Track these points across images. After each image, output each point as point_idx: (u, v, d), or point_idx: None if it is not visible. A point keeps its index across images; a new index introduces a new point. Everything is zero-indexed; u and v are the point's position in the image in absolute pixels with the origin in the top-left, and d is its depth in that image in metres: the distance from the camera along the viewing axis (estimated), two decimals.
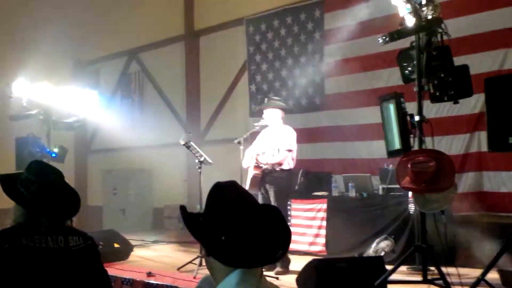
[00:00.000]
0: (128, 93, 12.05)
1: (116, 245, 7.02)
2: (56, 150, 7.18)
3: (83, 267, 2.49)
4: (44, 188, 2.50)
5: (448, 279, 4.15)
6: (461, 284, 4.21)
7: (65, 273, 2.40)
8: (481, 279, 3.97)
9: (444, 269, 4.29)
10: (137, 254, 7.39)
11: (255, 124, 6.38)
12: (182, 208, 1.79)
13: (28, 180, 2.52)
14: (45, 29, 10.63)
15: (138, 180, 11.77)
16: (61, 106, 7.39)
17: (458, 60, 4.86)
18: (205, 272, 5.68)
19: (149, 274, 5.79)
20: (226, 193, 1.74)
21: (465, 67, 4.32)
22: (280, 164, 6.02)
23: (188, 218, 1.75)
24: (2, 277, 2.27)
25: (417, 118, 4.31)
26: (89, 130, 12.64)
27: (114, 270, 6.05)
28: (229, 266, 1.65)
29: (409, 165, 4.08)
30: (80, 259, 2.49)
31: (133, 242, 7.60)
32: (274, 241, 1.67)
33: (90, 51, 12.73)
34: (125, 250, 7.10)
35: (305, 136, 8.53)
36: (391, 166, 6.54)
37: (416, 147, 4.36)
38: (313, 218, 7.22)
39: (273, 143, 6.09)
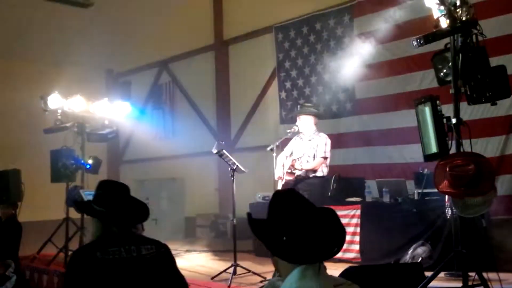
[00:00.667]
0: (159, 104, 12.22)
1: None
2: (90, 161, 7.33)
3: (158, 274, 2.60)
4: (112, 199, 2.72)
5: (490, 285, 4.04)
6: None
7: (140, 281, 2.52)
8: None
9: (484, 275, 4.18)
10: None
11: (288, 131, 6.38)
12: (248, 215, 2.05)
13: (98, 196, 2.77)
14: (77, 43, 10.88)
15: (170, 190, 11.89)
16: (95, 118, 7.54)
17: (493, 61, 4.77)
18: (239, 281, 5.69)
19: None
20: (285, 200, 1.98)
21: (502, 68, 4.22)
22: (314, 171, 6.00)
23: (253, 223, 2.01)
24: None
25: (454, 120, 4.23)
26: (121, 141, 12.85)
27: None
28: (291, 263, 1.90)
29: (447, 169, 4.00)
30: (154, 267, 2.60)
31: None
32: (329, 239, 1.91)
33: (121, 63, 12.99)
34: None
35: (337, 141, 8.48)
36: (426, 170, 6.43)
37: (453, 150, 4.28)
38: (347, 225, 7.13)
39: (308, 150, 6.08)
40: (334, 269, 5.02)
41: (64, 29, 11.01)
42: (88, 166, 7.46)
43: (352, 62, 8.45)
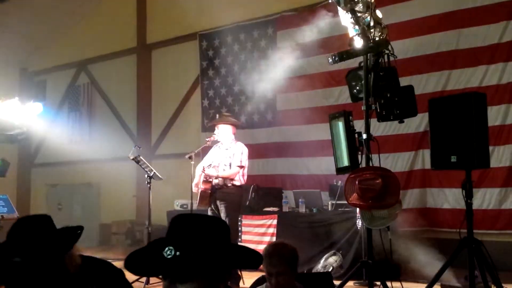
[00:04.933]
0: (76, 106, 11.73)
1: None
2: None
3: None
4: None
5: None
6: None
7: None
8: None
9: (389, 284, 4.38)
10: None
11: (207, 139, 6.36)
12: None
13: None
14: None
15: (85, 195, 11.43)
16: (3, 118, 7.11)
17: (404, 81, 5.04)
18: None
19: None
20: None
21: (410, 88, 4.46)
22: (231, 179, 6.00)
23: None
24: None
25: (364, 136, 4.41)
26: (33, 143, 12.22)
27: None
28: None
29: (356, 182, 4.15)
30: None
31: None
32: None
33: (37, 61, 12.38)
34: None
35: (257, 151, 8.56)
36: (340, 182, 6.65)
37: (363, 165, 4.46)
38: (264, 234, 7.22)
39: (224, 158, 6.08)
40: (249, 278, 5.07)
41: None
42: None
43: (274, 74, 8.57)
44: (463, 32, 6.77)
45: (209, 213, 6.07)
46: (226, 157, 6.06)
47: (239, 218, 7.35)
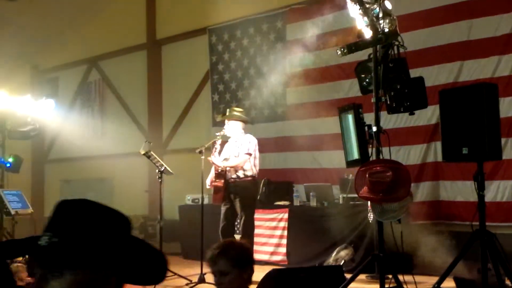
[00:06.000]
0: (88, 102, 11.82)
1: None
2: (10, 160, 6.99)
3: None
4: None
5: (405, 287, 4.21)
6: None
7: None
8: (437, 287, 4.03)
9: (401, 277, 4.35)
10: None
11: (217, 133, 6.37)
12: None
13: None
14: (1, 34, 10.35)
15: (98, 190, 11.51)
16: (17, 115, 7.21)
17: (415, 72, 4.98)
18: (164, 284, 5.60)
19: None
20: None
21: (420, 79, 4.41)
22: (242, 169, 6.00)
23: None
24: None
25: (374, 129, 4.37)
26: (46, 139, 12.34)
27: None
28: None
29: (366, 175, 4.13)
30: None
31: None
32: None
33: (48, 58, 12.46)
34: None
35: (268, 145, 8.55)
36: (350, 175, 6.60)
37: (374, 157, 4.43)
38: (275, 228, 7.22)
39: (234, 150, 6.11)
40: (259, 271, 5.08)
41: None
42: (8, 165, 7.14)
43: (284, 67, 8.57)
44: (475, 23, 6.67)
45: (223, 209, 6.09)
46: (235, 148, 6.08)
47: None
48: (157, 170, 6.42)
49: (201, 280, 5.68)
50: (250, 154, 6.03)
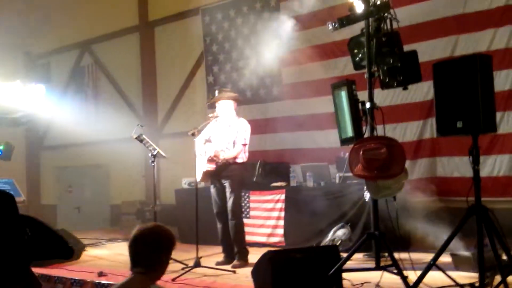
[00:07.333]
0: (82, 87, 11.69)
1: None
2: (1, 147, 6.90)
3: None
4: None
5: (401, 265, 4.16)
6: (414, 269, 4.22)
7: None
8: (433, 263, 3.98)
9: (397, 255, 4.30)
10: (90, 253, 7.14)
11: (210, 115, 6.27)
12: None
13: None
14: None
15: (94, 177, 11.48)
16: (6, 101, 7.08)
17: (411, 48, 4.84)
18: None
19: (100, 274, 5.55)
20: None
21: (413, 53, 4.31)
22: (235, 158, 5.94)
23: None
24: None
25: (368, 105, 4.29)
26: (41, 126, 12.21)
27: (63, 271, 5.82)
28: None
29: (361, 152, 4.06)
30: None
31: (86, 241, 7.35)
32: None
33: (40, 43, 12.30)
34: (76, 250, 6.86)
35: (263, 126, 8.48)
36: (346, 154, 6.53)
37: (367, 135, 4.35)
38: (272, 210, 7.17)
39: (228, 135, 5.99)
40: (257, 253, 5.04)
41: None
42: None
43: (278, 46, 8.41)
44: None
45: (212, 190, 6.06)
46: (230, 134, 5.97)
47: (247, 195, 7.32)
48: (149, 154, 6.34)
49: (197, 264, 5.63)
50: (246, 145, 5.97)
